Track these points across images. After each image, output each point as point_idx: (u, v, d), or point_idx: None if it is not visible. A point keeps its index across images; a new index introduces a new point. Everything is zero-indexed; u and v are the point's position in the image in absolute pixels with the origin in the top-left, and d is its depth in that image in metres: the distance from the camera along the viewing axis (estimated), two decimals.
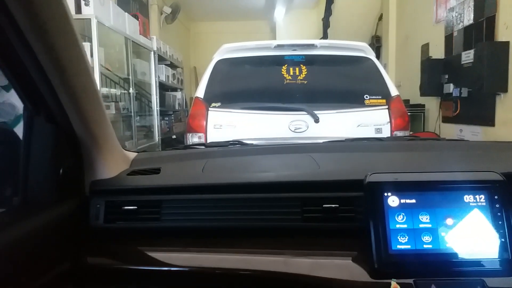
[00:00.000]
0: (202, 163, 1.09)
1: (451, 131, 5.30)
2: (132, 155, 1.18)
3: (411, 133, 3.22)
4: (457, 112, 5.05)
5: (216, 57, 3.14)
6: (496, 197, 0.81)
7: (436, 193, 0.82)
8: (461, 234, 0.80)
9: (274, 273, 0.83)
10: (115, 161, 1.01)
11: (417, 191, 0.83)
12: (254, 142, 1.68)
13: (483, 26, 4.55)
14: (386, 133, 2.92)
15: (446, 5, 5.38)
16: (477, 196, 0.82)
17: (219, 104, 2.94)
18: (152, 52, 5.63)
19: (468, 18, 4.82)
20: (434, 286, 0.77)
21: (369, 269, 0.81)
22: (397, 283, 0.78)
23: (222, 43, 3.20)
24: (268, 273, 0.83)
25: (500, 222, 0.80)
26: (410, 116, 6.00)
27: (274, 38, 9.09)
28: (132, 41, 4.76)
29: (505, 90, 4.23)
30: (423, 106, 6.08)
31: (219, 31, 9.89)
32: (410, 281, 0.78)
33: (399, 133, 2.88)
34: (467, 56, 4.77)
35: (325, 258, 0.86)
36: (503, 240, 0.79)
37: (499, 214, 0.80)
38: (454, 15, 5.18)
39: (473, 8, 4.73)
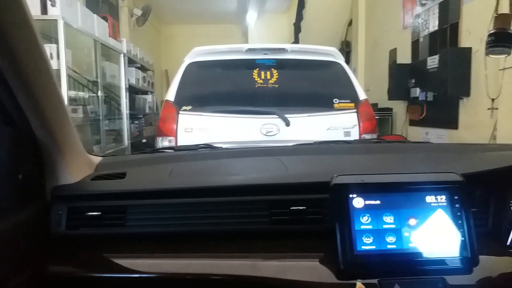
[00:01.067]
0: (170, 167, 1.08)
1: (417, 134, 5.46)
2: (97, 159, 1.15)
3: (377, 135, 3.29)
4: (423, 115, 5.21)
5: (187, 60, 3.12)
6: (456, 197, 0.84)
7: (399, 194, 0.84)
8: (424, 234, 0.82)
9: (241, 277, 0.83)
10: (78, 165, 0.98)
11: (382, 193, 0.84)
12: (225, 146, 1.67)
13: (447, 33, 4.72)
14: (354, 136, 2.97)
15: (413, 12, 5.55)
16: (438, 197, 0.84)
17: (190, 107, 2.91)
18: (122, 55, 5.53)
19: (433, 24, 4.99)
20: (398, 286, 0.79)
21: (335, 270, 0.82)
22: (362, 283, 0.79)
23: (193, 46, 3.19)
24: (235, 277, 0.83)
25: (460, 222, 0.83)
26: (379, 119, 6.16)
27: (246, 42, 9.11)
28: (101, 43, 4.66)
29: (467, 94, 4.39)
30: (391, 109, 6.24)
31: (190, 34, 9.83)
32: (375, 281, 0.79)
33: (367, 136, 2.95)
34: (432, 61, 4.93)
35: (292, 261, 0.87)
36: (463, 239, 0.82)
37: (459, 213, 0.83)
38: (420, 22, 5.35)
39: (438, 15, 4.90)
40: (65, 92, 3.61)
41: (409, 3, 5.72)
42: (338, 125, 2.98)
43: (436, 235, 0.82)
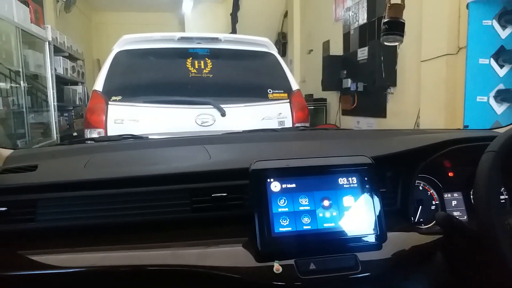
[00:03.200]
0: (86, 158, 1.03)
1: (349, 123, 5.71)
2: (6, 152, 1.07)
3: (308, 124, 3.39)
4: (354, 105, 5.46)
5: (116, 49, 2.99)
6: (366, 178, 0.89)
7: (314, 177, 0.88)
8: (336, 214, 0.86)
9: (160, 267, 0.82)
10: None
11: (297, 176, 0.87)
12: (158, 137, 1.63)
13: (375, 25, 4.96)
14: (288, 125, 3.04)
15: (344, 5, 5.76)
16: (350, 179, 0.89)
17: (120, 97, 2.80)
18: (47, 43, 5.18)
19: (363, 17, 5.22)
20: (313, 264, 0.83)
21: (254, 253, 0.83)
22: (280, 264, 0.81)
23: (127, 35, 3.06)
24: (155, 267, 0.82)
25: (370, 201, 0.88)
26: (314, 109, 6.37)
27: (183, 31, 8.89)
28: (22, 30, 4.32)
29: (394, 84, 4.66)
30: (325, 100, 6.46)
31: (124, 22, 9.42)
32: (292, 261, 0.82)
33: (299, 125, 3.02)
34: (362, 53, 5.17)
35: (214, 247, 0.87)
36: (372, 217, 0.87)
37: (369, 194, 0.88)
38: (350, 14, 5.57)
39: (366, 8, 5.13)
40: None
41: None
42: (273, 115, 3.03)
43: (348, 214, 0.87)
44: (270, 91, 3.10)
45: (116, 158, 1.09)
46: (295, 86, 3.20)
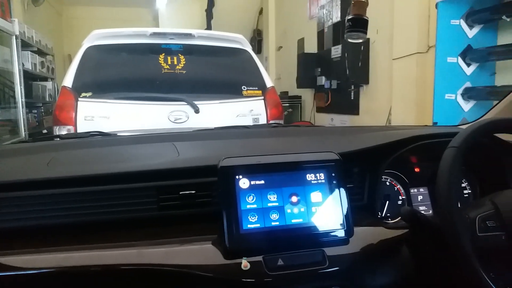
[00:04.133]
0: (50, 156, 1.00)
1: (324, 120, 5.78)
2: None
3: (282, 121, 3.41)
4: (328, 102, 5.52)
5: (86, 44, 2.92)
6: (333, 174, 0.89)
7: (282, 174, 0.88)
8: (304, 210, 0.87)
9: (126, 266, 0.80)
10: None
11: (266, 173, 0.87)
12: (128, 134, 1.60)
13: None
14: (262, 122, 3.05)
15: (318, 3, 5.81)
16: (318, 175, 0.89)
17: (90, 94, 2.73)
18: (14, 37, 4.99)
19: (336, 15, 5.28)
20: (281, 260, 0.83)
21: (222, 251, 0.83)
22: (248, 261, 0.81)
23: None
24: (120, 266, 0.80)
25: (337, 197, 0.89)
26: (289, 107, 6.41)
27: (157, 27, 8.77)
28: None
29: (366, 82, 4.74)
30: (300, 97, 6.51)
31: (96, 17, 9.20)
32: (260, 258, 0.82)
33: (273, 122, 3.03)
34: (336, 51, 5.23)
35: (181, 245, 0.86)
36: (339, 213, 0.88)
37: (336, 189, 0.89)
38: (324, 12, 5.62)
39: (340, 7, 5.19)
40: None
41: None
42: (247, 112, 3.03)
43: (315, 210, 0.87)
44: (244, 88, 3.09)
45: (81, 156, 1.07)
46: (269, 83, 3.20)
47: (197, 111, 2.86)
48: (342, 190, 0.89)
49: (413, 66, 3.81)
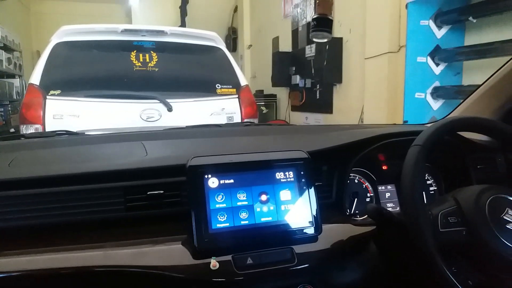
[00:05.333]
0: (12, 156, 0.96)
1: (298, 118, 5.82)
2: None
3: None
4: (303, 101, 5.56)
5: (54, 40, 2.83)
6: (302, 172, 0.90)
7: (252, 172, 0.88)
8: (274, 208, 0.87)
9: (92, 268, 0.78)
10: None
11: (235, 172, 0.87)
12: (97, 133, 1.56)
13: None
14: (237, 121, 3.04)
15: (292, 1, 5.84)
16: (287, 173, 0.90)
17: (59, 91, 2.66)
18: None
19: (310, 14, 5.32)
20: (250, 259, 0.83)
21: (191, 251, 0.82)
22: (217, 260, 0.81)
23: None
24: (86, 269, 0.78)
25: (306, 195, 0.89)
26: (265, 105, 6.43)
27: (130, 24, 8.61)
28: None
29: (340, 81, 4.80)
30: (275, 96, 6.53)
31: (66, 12, 8.95)
32: (229, 257, 0.82)
33: (247, 121, 3.03)
34: (310, 50, 5.27)
35: (149, 246, 0.85)
36: (308, 211, 0.89)
37: (304, 187, 0.90)
38: (298, 11, 5.65)
39: (314, 6, 5.23)
40: None
41: None
42: (221, 110, 3.02)
43: (284, 208, 0.88)
44: (218, 86, 3.08)
45: (45, 156, 1.03)
46: (243, 81, 3.20)
47: (170, 109, 2.82)
48: (311, 188, 0.90)
49: (384, 65, 3.89)
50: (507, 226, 0.76)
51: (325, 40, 1.21)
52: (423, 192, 1.14)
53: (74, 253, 0.80)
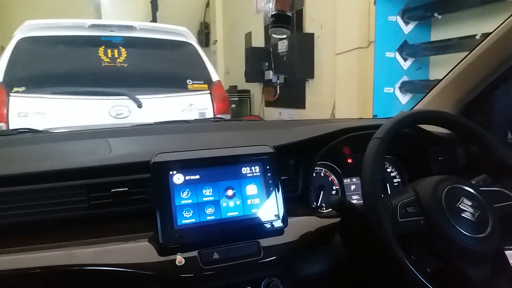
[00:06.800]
0: None
1: (272, 114, 5.85)
2: None
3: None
4: (276, 96, 5.59)
5: (18, 35, 2.75)
6: (268, 167, 0.91)
7: (217, 168, 0.88)
8: (240, 203, 0.88)
9: (54, 268, 0.77)
10: None
11: (201, 167, 0.87)
12: (62, 130, 1.52)
13: (293, 18, 5.10)
14: (209, 116, 3.03)
15: None
16: (252, 168, 0.90)
17: (23, 88, 2.58)
18: None
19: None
20: (216, 254, 0.83)
21: (157, 248, 0.82)
22: (183, 256, 0.81)
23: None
24: (48, 269, 0.76)
25: (271, 189, 0.90)
26: (239, 101, 6.42)
27: (99, 19, 8.40)
28: None
29: (312, 76, 4.85)
30: (249, 91, 6.54)
31: (31, 6, 8.63)
32: (195, 253, 0.82)
33: (220, 117, 3.02)
34: (282, 46, 5.29)
35: (113, 244, 0.84)
36: (274, 204, 0.90)
37: (270, 182, 0.90)
38: (271, 7, 5.66)
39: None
40: None
41: None
42: (193, 106, 3.00)
43: (251, 203, 0.88)
44: (189, 82, 3.05)
45: (6, 154, 1.00)
46: (215, 77, 3.18)
47: (139, 105, 2.79)
48: (277, 182, 0.91)
49: (355, 60, 3.96)
50: (462, 215, 0.80)
51: (284, 36, 1.22)
52: (387, 184, 1.18)
53: (36, 253, 0.78)
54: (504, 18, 1.08)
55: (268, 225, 0.89)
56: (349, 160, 1.16)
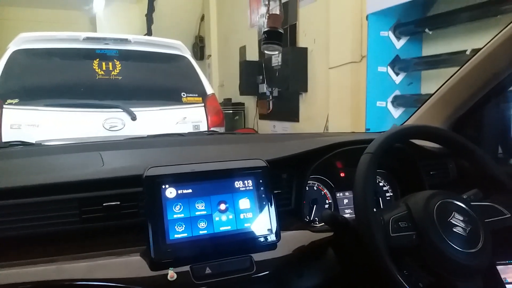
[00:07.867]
0: None
1: (266, 127, 5.87)
2: None
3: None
4: (270, 110, 5.62)
5: (12, 47, 2.75)
6: (261, 181, 0.91)
7: (210, 182, 0.88)
8: (233, 217, 0.87)
9: (44, 283, 0.76)
10: None
11: (193, 181, 0.87)
12: (55, 143, 1.52)
13: (287, 33, 5.16)
14: (203, 129, 3.03)
15: (258, 11, 5.91)
16: (246, 182, 0.91)
17: (17, 100, 2.57)
18: None
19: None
20: (209, 269, 0.83)
21: (149, 262, 0.81)
22: (175, 271, 0.80)
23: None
24: (37, 284, 0.75)
25: (264, 203, 0.90)
26: (233, 113, 6.44)
27: (94, 31, 8.44)
28: None
29: (305, 90, 4.89)
30: (243, 104, 6.56)
31: (28, 19, 8.67)
32: (187, 267, 0.81)
33: (214, 130, 3.03)
34: (276, 59, 5.34)
35: (105, 258, 0.83)
36: (267, 219, 0.90)
37: (263, 196, 0.91)
38: (264, 21, 5.72)
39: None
40: None
41: (255, 2, 6.07)
42: (187, 119, 3.00)
43: (243, 217, 0.88)
44: (184, 94, 3.06)
45: None
46: (209, 90, 3.20)
47: (134, 118, 2.78)
48: (270, 196, 0.91)
49: (347, 75, 4.00)
50: (454, 230, 0.80)
51: (276, 52, 1.24)
52: (380, 198, 1.18)
53: (26, 268, 0.77)
54: (494, 34, 1.11)
55: (261, 240, 0.88)
56: (342, 174, 1.17)
